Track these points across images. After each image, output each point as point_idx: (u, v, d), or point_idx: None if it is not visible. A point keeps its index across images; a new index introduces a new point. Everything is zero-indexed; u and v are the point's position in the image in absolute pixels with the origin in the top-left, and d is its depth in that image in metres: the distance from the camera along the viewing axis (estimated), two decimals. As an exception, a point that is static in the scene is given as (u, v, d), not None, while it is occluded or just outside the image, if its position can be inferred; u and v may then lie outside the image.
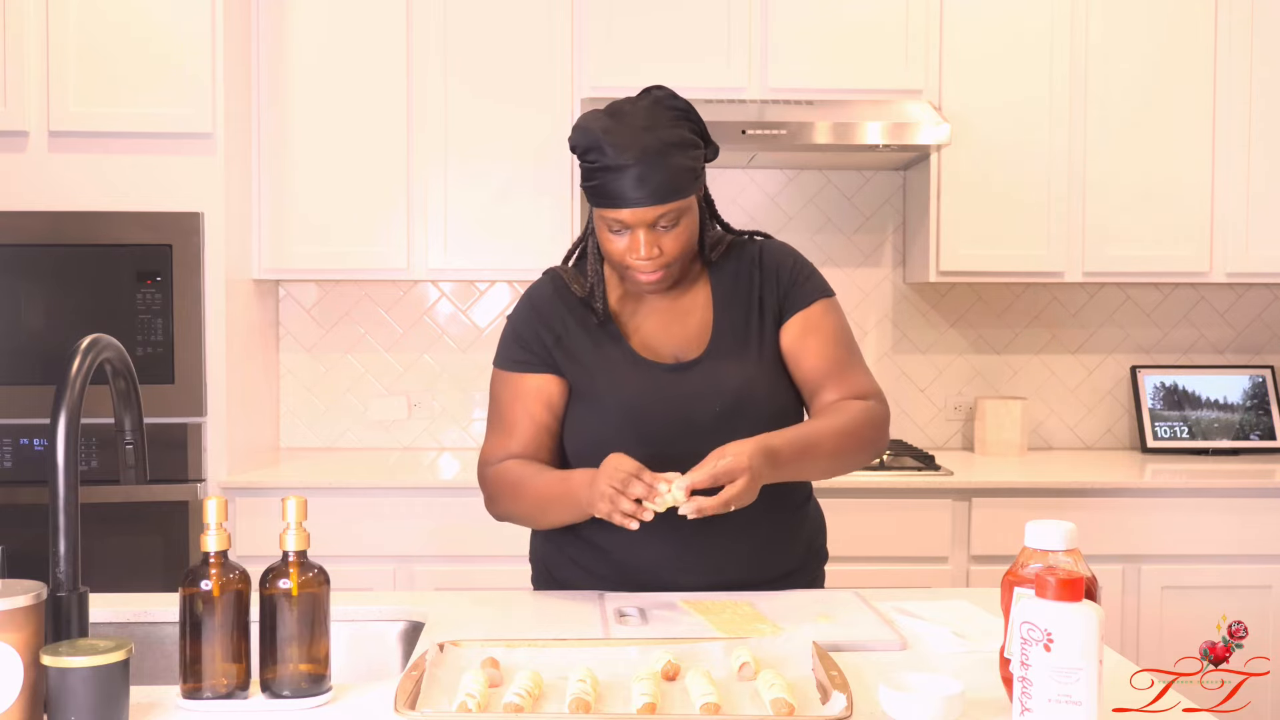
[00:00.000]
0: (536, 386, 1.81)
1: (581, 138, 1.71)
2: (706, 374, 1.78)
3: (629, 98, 1.77)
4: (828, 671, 1.33)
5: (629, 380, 1.78)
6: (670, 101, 1.74)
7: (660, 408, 1.76)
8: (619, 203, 1.68)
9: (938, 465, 3.26)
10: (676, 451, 1.73)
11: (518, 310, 1.87)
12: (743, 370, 1.78)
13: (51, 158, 3.08)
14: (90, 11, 3.06)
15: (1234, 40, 3.40)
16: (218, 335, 3.11)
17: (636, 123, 1.68)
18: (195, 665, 1.28)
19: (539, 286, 1.88)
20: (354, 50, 3.34)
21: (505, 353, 1.85)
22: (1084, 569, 1.23)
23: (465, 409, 3.73)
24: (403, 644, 1.71)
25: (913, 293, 3.75)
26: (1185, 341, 3.79)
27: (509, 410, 1.82)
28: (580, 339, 1.81)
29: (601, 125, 1.69)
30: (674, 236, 1.72)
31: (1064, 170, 3.40)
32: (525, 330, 1.83)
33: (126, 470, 1.53)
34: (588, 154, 1.70)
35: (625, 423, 1.75)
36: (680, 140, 1.70)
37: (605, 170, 1.67)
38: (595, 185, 1.70)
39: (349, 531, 3.08)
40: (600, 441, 1.75)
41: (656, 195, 1.67)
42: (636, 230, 1.70)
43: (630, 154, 1.65)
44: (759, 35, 3.36)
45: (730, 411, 1.75)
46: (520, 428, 1.81)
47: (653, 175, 1.66)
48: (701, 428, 1.74)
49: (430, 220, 3.36)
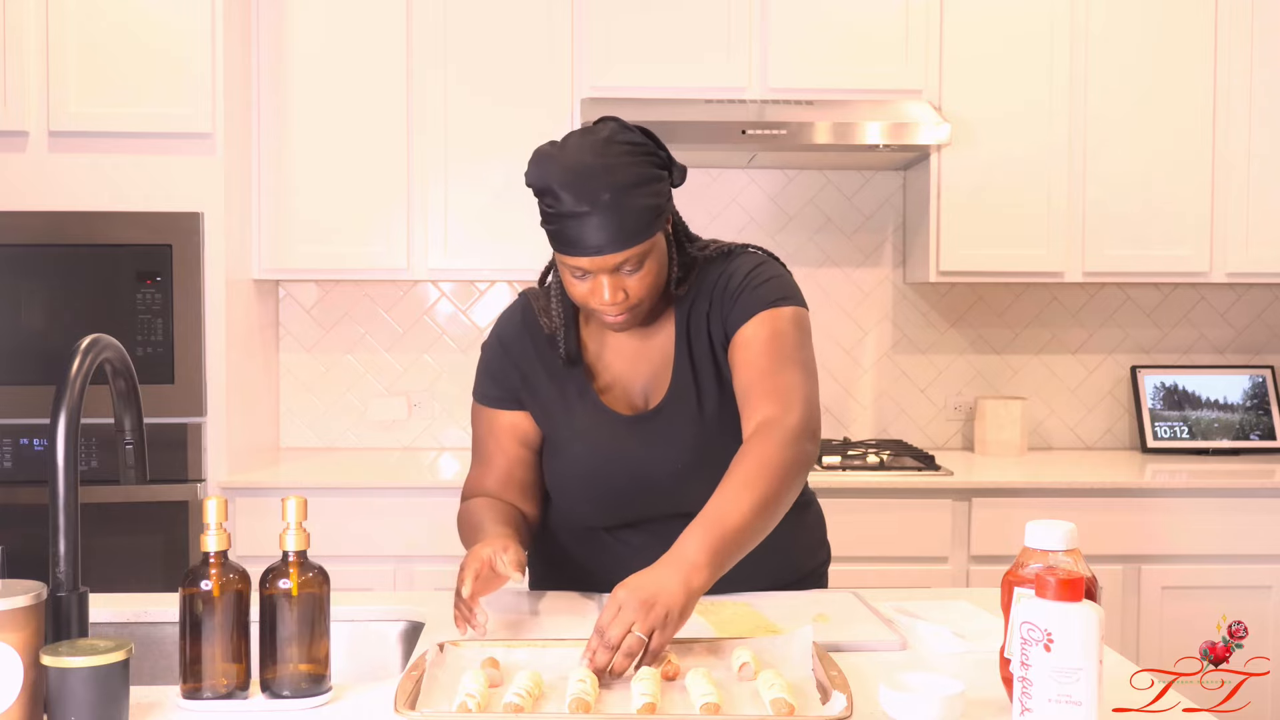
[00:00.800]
0: (510, 423, 1.79)
1: (535, 179, 1.60)
2: (664, 426, 1.71)
3: (583, 131, 1.64)
4: (828, 671, 1.33)
5: (587, 432, 1.72)
6: (624, 136, 1.61)
7: (618, 464, 1.71)
8: (578, 250, 1.58)
9: (938, 465, 3.26)
10: (639, 502, 1.72)
11: (489, 343, 1.82)
12: (702, 418, 1.70)
13: (51, 158, 3.08)
14: (90, 11, 3.06)
15: (1234, 40, 3.40)
16: (218, 335, 3.11)
17: (590, 163, 1.56)
18: (195, 665, 1.28)
19: (509, 317, 1.82)
20: (354, 50, 3.34)
21: (479, 386, 1.82)
22: (1084, 569, 1.23)
23: (465, 409, 3.70)
24: (403, 644, 1.71)
25: (913, 293, 3.75)
26: (1185, 341, 3.79)
27: (484, 443, 1.81)
28: (544, 381, 1.75)
29: (554, 167, 1.57)
30: (639, 279, 1.62)
31: (1064, 170, 3.40)
32: (495, 364, 1.80)
33: (126, 470, 1.53)
34: (543, 197, 1.60)
35: (583, 475, 1.73)
36: (639, 179, 1.58)
37: (561, 216, 1.57)
38: (553, 230, 1.60)
39: (349, 531, 3.08)
40: (560, 488, 1.76)
41: (617, 242, 1.57)
42: (599, 275, 1.60)
43: (586, 200, 1.55)
44: (759, 35, 3.36)
45: (688, 468, 1.69)
46: (494, 462, 1.80)
47: (612, 221, 1.55)
48: (659, 485, 1.70)
49: (430, 220, 3.36)
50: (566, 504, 1.77)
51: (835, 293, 3.73)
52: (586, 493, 1.73)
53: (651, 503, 1.71)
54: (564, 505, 1.78)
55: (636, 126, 1.65)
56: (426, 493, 3.13)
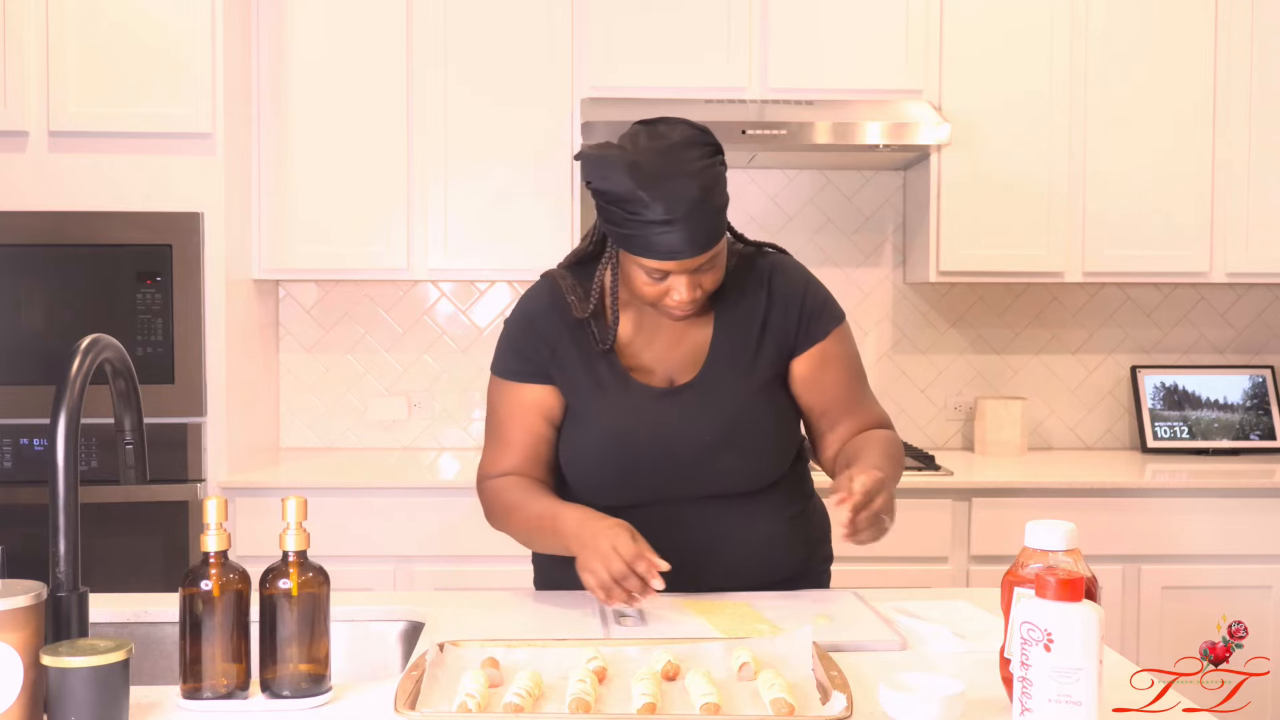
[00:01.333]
0: (535, 398, 1.78)
1: (611, 186, 1.60)
2: (697, 401, 1.74)
3: (651, 133, 1.64)
4: (828, 671, 1.33)
5: (616, 403, 1.74)
6: (701, 138, 1.64)
7: (646, 435, 1.72)
8: (665, 257, 1.61)
9: (938, 465, 3.26)
10: (661, 479, 1.73)
11: (514, 318, 1.83)
12: (735, 399, 1.74)
13: (51, 158, 3.07)
14: (90, 11, 3.06)
15: (1234, 41, 3.40)
16: (218, 335, 3.11)
17: (673, 170, 1.58)
18: (195, 665, 1.28)
19: (536, 296, 1.82)
20: (354, 50, 3.34)
21: (502, 361, 1.81)
22: (1084, 569, 1.23)
23: (465, 409, 3.73)
24: (403, 644, 1.71)
25: (913, 293, 3.75)
26: (1185, 341, 3.79)
27: (506, 422, 1.80)
28: (573, 355, 1.76)
29: (638, 176, 1.58)
30: (712, 275, 1.68)
31: (1064, 170, 3.40)
32: (522, 340, 1.79)
33: (126, 470, 1.53)
34: (624, 204, 1.60)
35: (610, 448, 1.73)
36: (716, 180, 1.63)
37: (648, 224, 1.59)
38: (631, 235, 1.61)
39: (349, 531, 3.08)
40: (585, 463, 1.75)
41: (702, 245, 1.61)
42: (679, 276, 1.64)
43: (680, 207, 1.57)
44: (759, 35, 3.36)
45: (717, 441, 1.72)
46: (516, 441, 1.79)
47: (699, 226, 1.59)
48: (687, 460, 1.72)
49: (430, 220, 3.36)
50: (587, 478, 1.76)
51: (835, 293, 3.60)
52: (610, 465, 1.73)
53: (672, 479, 1.72)
54: (584, 480, 1.77)
55: (698, 124, 1.67)
56: (426, 493, 3.13)
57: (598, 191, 1.64)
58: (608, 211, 1.64)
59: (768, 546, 1.79)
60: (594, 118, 3.18)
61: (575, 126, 3.31)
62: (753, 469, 1.76)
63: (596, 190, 1.64)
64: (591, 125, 3.15)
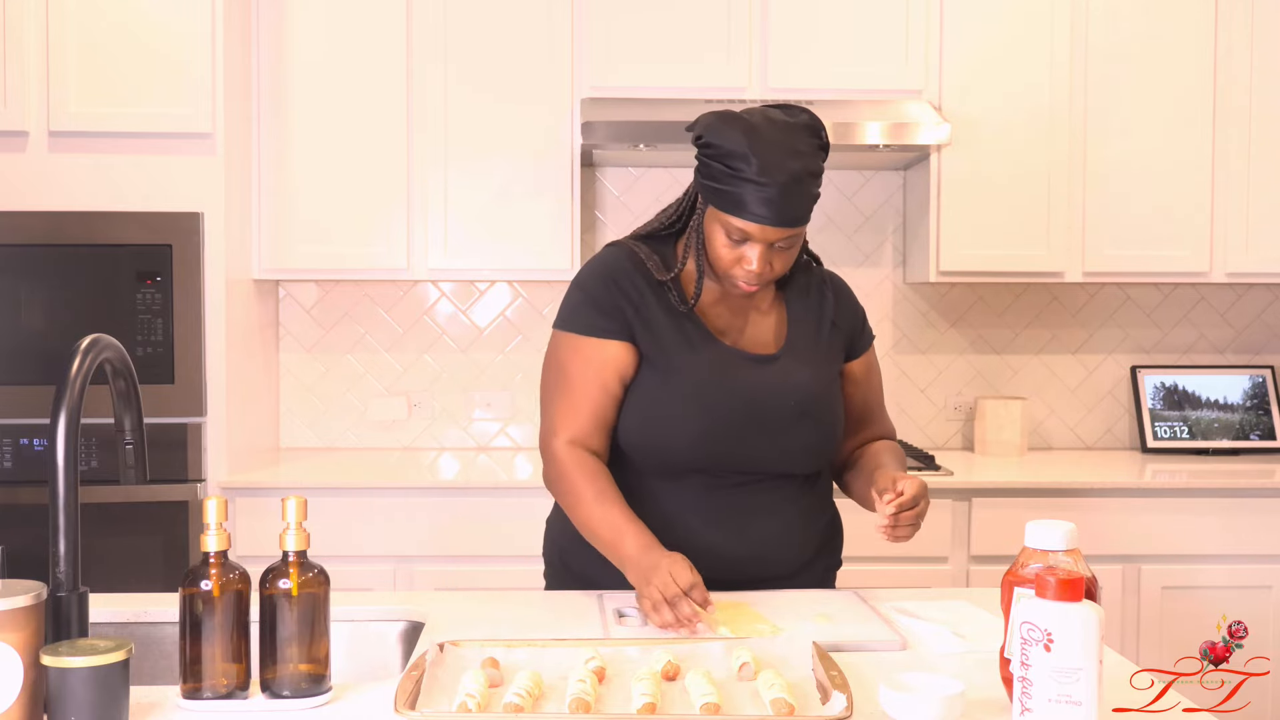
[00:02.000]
0: (615, 354, 1.79)
1: (724, 141, 1.69)
2: (783, 371, 1.81)
3: (776, 109, 1.75)
4: (828, 671, 1.33)
5: (707, 362, 1.79)
6: (818, 131, 1.74)
7: (732, 394, 1.77)
8: (752, 217, 1.69)
9: (938, 465, 3.26)
10: (737, 442, 1.77)
11: (592, 277, 1.83)
12: (814, 375, 1.83)
13: (51, 158, 3.07)
14: (90, 11, 3.05)
15: (1233, 41, 3.40)
16: (218, 335, 3.11)
17: (788, 144, 1.69)
18: (195, 665, 1.28)
19: (614, 258, 1.85)
20: (354, 50, 3.34)
21: (581, 318, 1.81)
22: (1084, 569, 1.23)
23: (465, 409, 3.73)
24: (403, 644, 1.71)
25: (913, 293, 3.75)
26: (1185, 341, 3.79)
27: (580, 378, 1.79)
28: (659, 316, 1.80)
29: (752, 138, 1.67)
30: (785, 257, 1.76)
31: (1064, 170, 3.40)
32: (604, 296, 1.80)
33: (126, 470, 1.53)
34: (729, 159, 1.68)
35: (695, 401, 1.76)
36: (817, 170, 1.72)
37: (746, 182, 1.67)
38: (728, 191, 1.69)
39: (349, 531, 3.08)
40: (665, 417, 1.77)
41: (789, 220, 1.70)
42: (757, 244, 1.71)
43: (780, 175, 1.66)
44: (759, 35, 3.36)
45: (800, 412, 1.79)
46: (591, 398, 1.79)
47: (791, 200, 1.68)
48: (769, 423, 1.78)
49: (430, 220, 3.36)
50: (662, 433, 1.77)
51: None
52: (695, 420, 1.76)
53: (749, 444, 1.77)
54: (658, 437, 1.77)
55: (819, 120, 1.76)
56: (426, 493, 3.13)
57: (707, 145, 1.72)
58: (710, 168, 1.72)
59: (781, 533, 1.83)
60: (594, 117, 3.18)
61: (575, 126, 3.31)
62: (820, 445, 1.84)
63: (706, 144, 1.72)
64: (592, 125, 3.15)
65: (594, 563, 1.83)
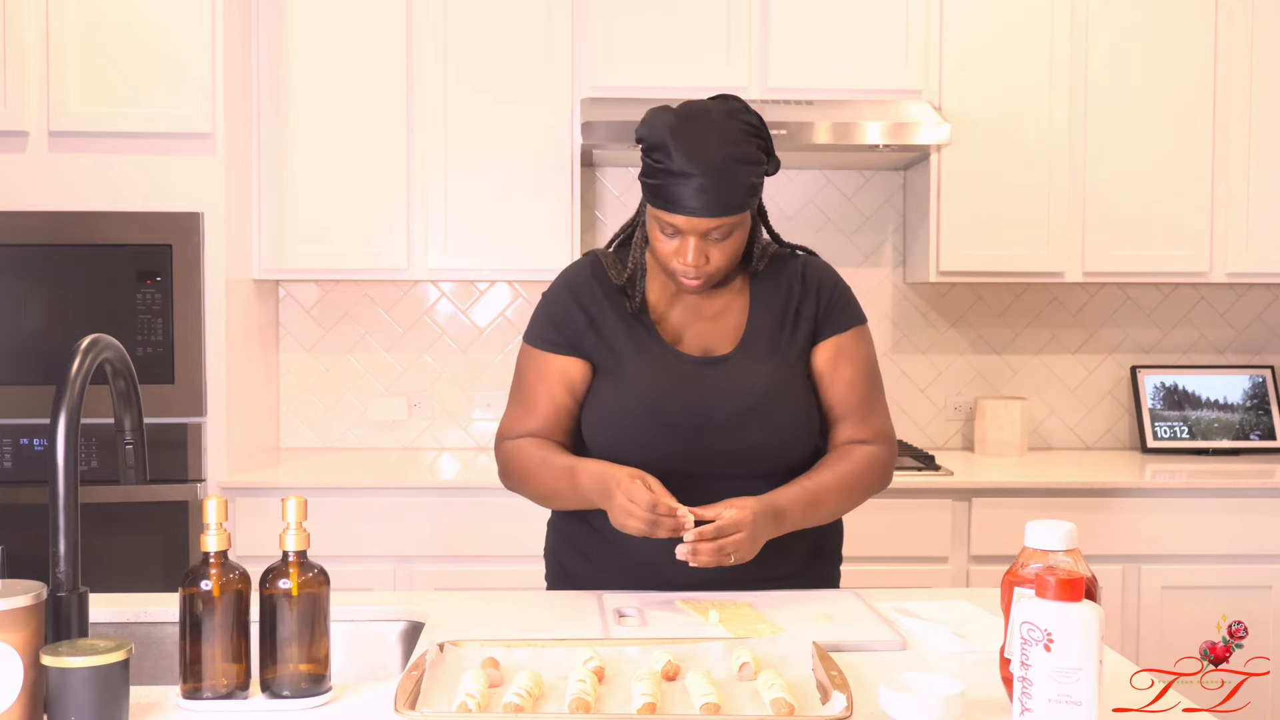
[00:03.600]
0: (561, 369, 1.83)
1: (649, 134, 1.71)
2: (732, 372, 1.80)
3: (704, 101, 1.76)
4: (828, 671, 1.33)
5: (655, 367, 1.80)
6: (744, 115, 1.73)
7: (681, 398, 1.78)
8: (676, 208, 1.69)
9: (938, 465, 3.26)
10: (691, 446, 1.77)
11: (553, 289, 1.89)
12: (769, 374, 1.80)
13: (51, 158, 3.07)
14: (90, 11, 3.05)
15: (1233, 41, 3.40)
16: (218, 335, 3.11)
17: (708, 132, 1.68)
18: (195, 665, 1.28)
19: (578, 267, 1.90)
20: (354, 50, 3.34)
21: (536, 330, 1.87)
22: (1084, 569, 1.23)
23: (465, 409, 3.73)
24: (403, 644, 1.71)
25: (913, 293, 3.75)
26: (1185, 341, 3.79)
27: (531, 388, 1.85)
28: (613, 322, 1.83)
29: (671, 128, 1.68)
30: (723, 248, 1.74)
31: (1064, 170, 3.40)
32: (558, 310, 1.85)
33: (126, 470, 1.53)
34: (653, 152, 1.70)
35: (645, 409, 1.78)
36: (747, 156, 1.70)
37: (668, 173, 1.68)
38: (655, 184, 1.71)
39: (349, 531, 3.08)
40: (617, 423, 1.79)
41: (714, 208, 1.68)
42: (688, 237, 1.72)
43: (696, 164, 1.66)
44: (759, 35, 3.36)
45: (750, 412, 1.78)
46: (540, 407, 1.84)
47: (714, 188, 1.67)
48: (719, 425, 1.77)
49: (430, 220, 3.36)
50: (616, 440, 1.79)
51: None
52: (644, 426, 1.77)
53: (701, 448, 1.77)
54: (612, 441, 1.79)
55: (756, 113, 1.75)
56: (426, 493, 3.13)
57: (639, 140, 1.74)
58: (644, 162, 1.73)
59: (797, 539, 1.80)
60: (594, 117, 3.18)
61: (575, 126, 3.31)
62: (777, 447, 1.80)
63: (639, 139, 1.74)
64: (592, 125, 3.15)
65: (588, 567, 1.85)
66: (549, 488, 1.81)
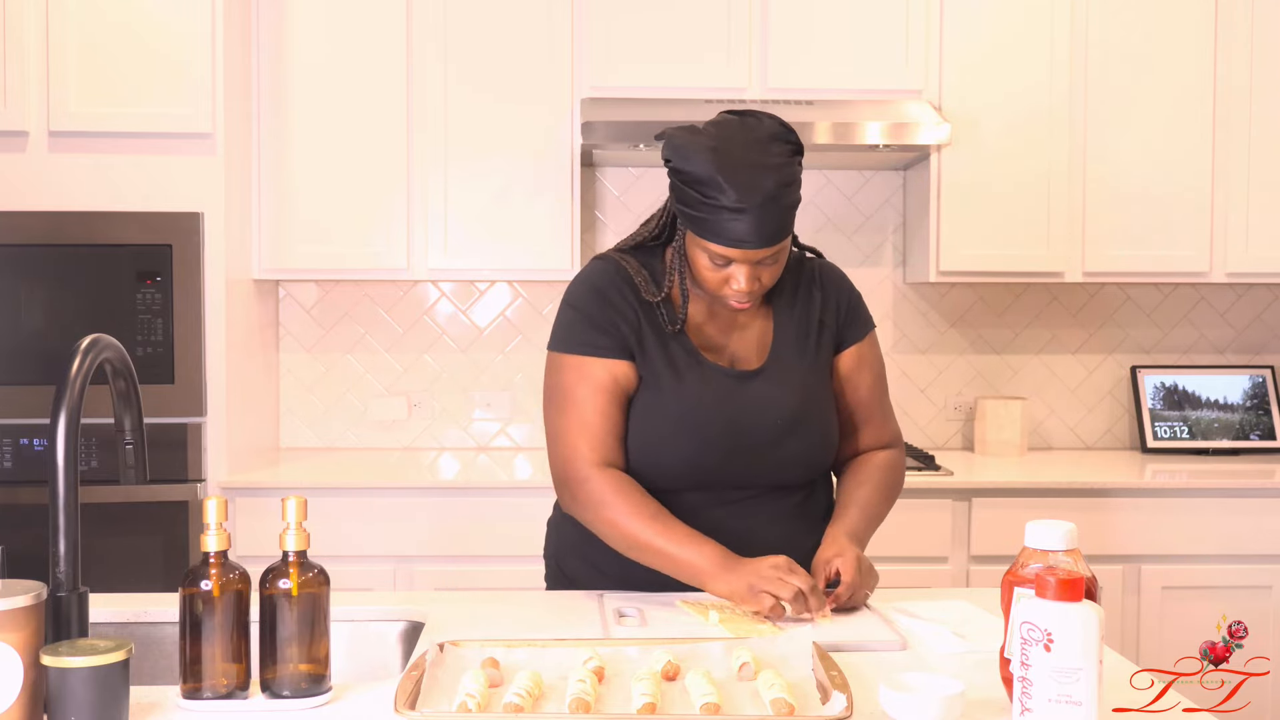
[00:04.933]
0: (616, 375, 1.75)
1: (690, 166, 1.64)
2: (768, 385, 1.79)
3: (742, 123, 1.69)
4: (828, 671, 1.33)
5: (693, 381, 1.77)
6: (786, 136, 1.69)
7: (720, 412, 1.76)
8: (731, 244, 1.65)
9: (938, 465, 3.26)
10: (727, 461, 1.76)
11: (584, 295, 1.79)
12: (801, 387, 1.80)
13: (51, 158, 3.07)
14: (90, 11, 3.05)
15: (1234, 41, 3.40)
16: (218, 335, 3.11)
17: (755, 161, 1.63)
18: (195, 665, 1.28)
19: (604, 273, 1.80)
20: (354, 50, 3.34)
21: (577, 337, 1.77)
22: (1084, 569, 1.23)
23: (465, 409, 3.73)
24: (403, 644, 1.71)
25: (913, 293, 3.75)
26: (1185, 341, 3.79)
27: (588, 403, 1.74)
28: (650, 333, 1.78)
29: (718, 162, 1.62)
30: (773, 270, 1.73)
31: (1064, 170, 3.40)
32: (599, 314, 1.77)
33: (126, 470, 1.53)
34: (697, 185, 1.64)
35: (681, 423, 1.75)
36: (794, 179, 1.67)
37: (718, 208, 1.63)
38: (702, 219, 1.65)
39: (349, 531, 3.08)
40: (655, 436, 1.75)
41: (771, 239, 1.66)
42: (741, 265, 1.68)
43: (750, 199, 1.61)
44: (759, 35, 3.36)
45: (788, 426, 1.77)
46: (604, 415, 1.74)
47: (768, 219, 1.63)
48: (755, 440, 1.76)
49: (430, 220, 3.36)
50: (654, 455, 1.76)
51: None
52: (684, 444, 1.75)
53: (739, 461, 1.76)
54: (650, 458, 1.76)
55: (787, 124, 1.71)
56: (426, 493, 3.13)
57: (677, 171, 1.68)
58: (683, 193, 1.68)
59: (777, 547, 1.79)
60: (594, 117, 3.18)
61: (575, 126, 3.31)
62: (810, 459, 1.81)
63: (676, 169, 1.68)
64: (592, 125, 3.15)
65: (591, 570, 1.84)
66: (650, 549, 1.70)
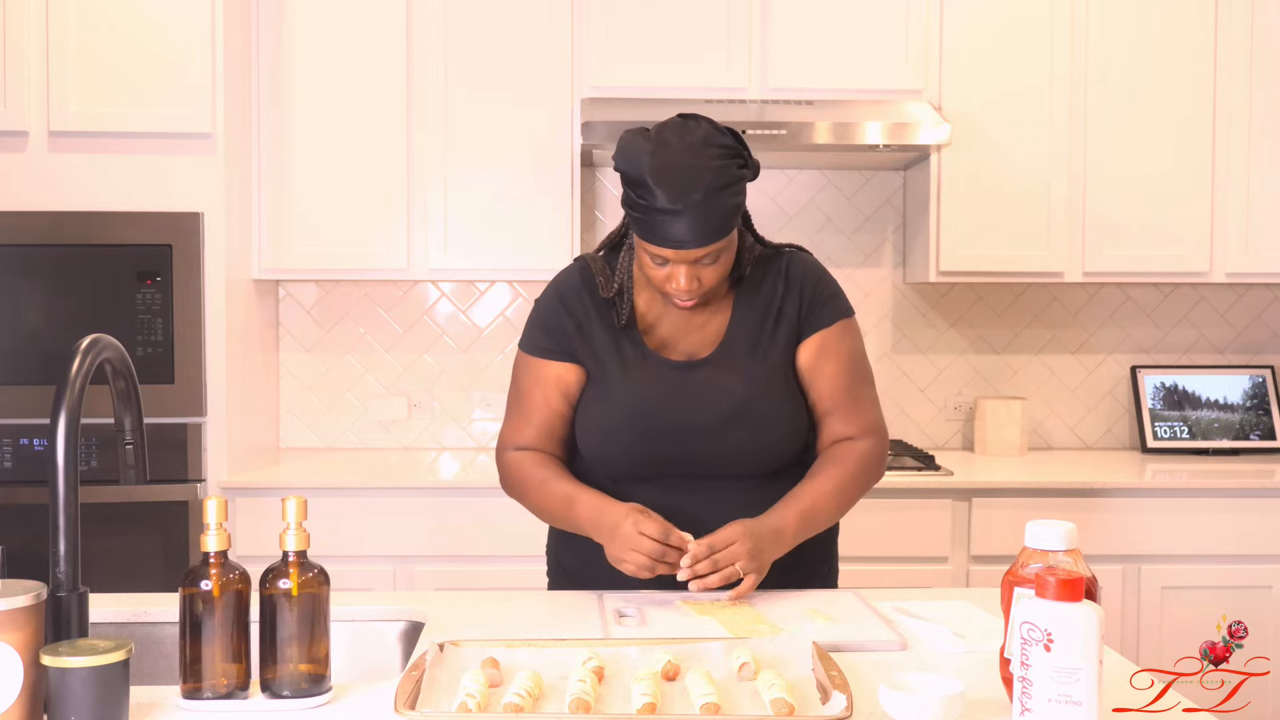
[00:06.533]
0: (556, 374, 1.86)
1: (629, 168, 1.70)
2: (713, 373, 1.82)
3: (677, 127, 1.73)
4: (828, 671, 1.33)
5: (638, 373, 1.82)
6: (718, 139, 1.72)
7: (664, 403, 1.80)
8: (664, 243, 1.70)
9: (938, 465, 3.26)
10: (676, 451, 1.80)
11: (545, 296, 1.91)
12: (747, 376, 1.82)
13: (51, 158, 3.07)
14: (90, 11, 3.05)
15: (1234, 41, 3.40)
16: (218, 335, 3.11)
17: (686, 164, 1.67)
18: (195, 665, 1.28)
19: (568, 275, 1.91)
20: (354, 50, 3.34)
21: (530, 337, 1.90)
22: (1084, 569, 1.23)
23: (465, 409, 3.73)
24: (403, 644, 1.71)
25: (913, 293, 3.75)
26: (1185, 341, 3.79)
27: (528, 395, 1.88)
28: (599, 330, 1.85)
29: (651, 164, 1.67)
30: (714, 270, 1.75)
31: (1064, 170, 3.40)
32: (551, 317, 1.87)
33: (126, 470, 1.53)
34: (635, 187, 1.70)
35: (630, 415, 1.80)
36: (728, 181, 1.69)
37: (652, 210, 1.68)
38: (640, 219, 1.71)
39: (349, 531, 3.08)
40: (603, 429, 1.83)
41: (702, 239, 1.69)
42: (679, 265, 1.73)
43: (681, 201, 1.66)
44: (759, 35, 3.36)
45: (733, 414, 1.79)
46: (537, 413, 1.87)
47: (699, 220, 1.67)
48: (702, 428, 1.80)
49: (430, 220, 3.36)
50: (604, 447, 1.83)
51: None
52: (629, 432, 1.80)
53: (685, 451, 1.80)
54: (600, 448, 1.84)
55: (726, 128, 1.75)
56: (426, 493, 3.13)
57: (620, 172, 1.73)
58: (626, 194, 1.73)
59: None
60: (594, 117, 3.18)
61: (575, 126, 3.31)
62: (761, 448, 1.82)
63: (619, 170, 1.73)
64: (592, 125, 3.15)
65: (584, 562, 1.86)
66: (546, 510, 1.86)
